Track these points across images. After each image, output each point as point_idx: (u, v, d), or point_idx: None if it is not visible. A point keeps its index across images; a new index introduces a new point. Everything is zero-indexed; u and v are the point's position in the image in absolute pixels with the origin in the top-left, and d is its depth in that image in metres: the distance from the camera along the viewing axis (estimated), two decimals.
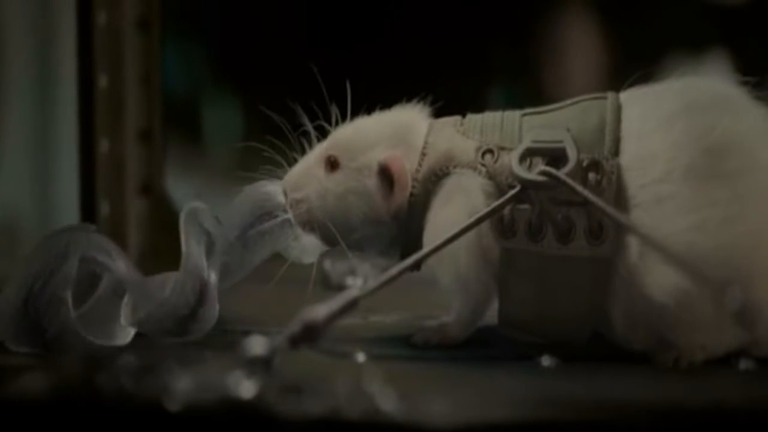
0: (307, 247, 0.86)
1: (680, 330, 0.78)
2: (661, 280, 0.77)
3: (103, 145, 1.26)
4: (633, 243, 0.78)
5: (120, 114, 1.26)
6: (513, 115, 0.83)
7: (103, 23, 1.24)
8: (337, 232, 0.84)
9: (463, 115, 0.85)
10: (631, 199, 0.78)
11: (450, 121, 0.85)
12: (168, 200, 1.31)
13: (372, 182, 0.84)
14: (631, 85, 0.83)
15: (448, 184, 0.82)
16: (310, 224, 0.85)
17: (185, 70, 1.63)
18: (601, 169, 0.79)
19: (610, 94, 0.82)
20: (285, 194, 0.86)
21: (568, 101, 0.83)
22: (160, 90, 1.30)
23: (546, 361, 0.79)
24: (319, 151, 0.86)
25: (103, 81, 1.25)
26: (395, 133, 0.85)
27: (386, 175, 0.84)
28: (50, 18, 1.38)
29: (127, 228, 1.27)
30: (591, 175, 0.79)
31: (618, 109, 0.81)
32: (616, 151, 0.79)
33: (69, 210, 1.27)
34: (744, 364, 0.78)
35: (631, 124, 0.80)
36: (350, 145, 0.85)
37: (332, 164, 0.85)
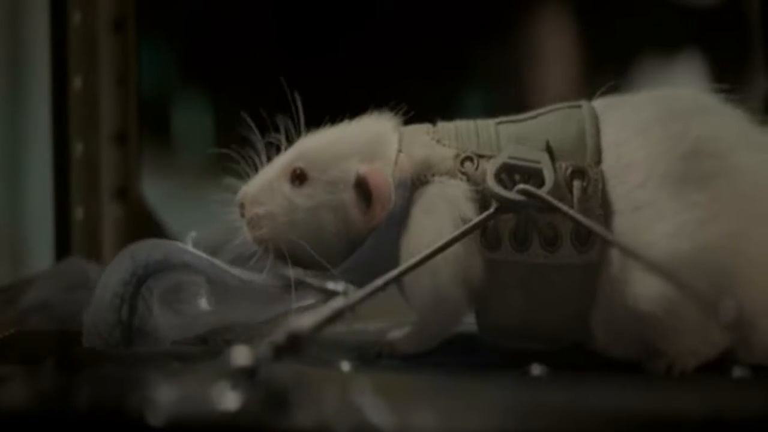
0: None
1: (669, 337, 0.78)
2: (646, 290, 0.77)
3: (78, 149, 1.24)
4: (616, 252, 0.78)
5: (95, 116, 1.25)
6: (487, 124, 0.82)
7: (78, 23, 1.23)
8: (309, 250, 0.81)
9: (432, 123, 0.83)
10: (612, 206, 0.78)
11: (421, 129, 0.83)
12: (144, 204, 1.30)
13: (348, 195, 0.81)
14: (602, 95, 0.83)
15: (430, 193, 0.80)
16: (273, 242, 0.82)
17: (161, 72, 1.62)
18: (586, 176, 0.78)
19: (584, 103, 0.82)
20: (242, 209, 0.83)
21: (541, 110, 0.83)
22: (136, 92, 1.28)
23: (536, 369, 0.78)
24: (281, 163, 0.83)
25: (77, 82, 1.24)
26: (368, 144, 0.82)
27: (364, 188, 0.81)
28: (23, 18, 1.36)
29: (103, 233, 1.25)
30: (576, 183, 0.78)
31: (595, 118, 0.81)
32: (598, 159, 0.79)
33: (43, 215, 1.26)
34: (738, 372, 0.77)
35: (608, 135, 0.80)
36: (320, 157, 0.82)
37: (299, 177, 0.82)
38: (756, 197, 0.78)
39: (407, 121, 0.85)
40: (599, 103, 0.82)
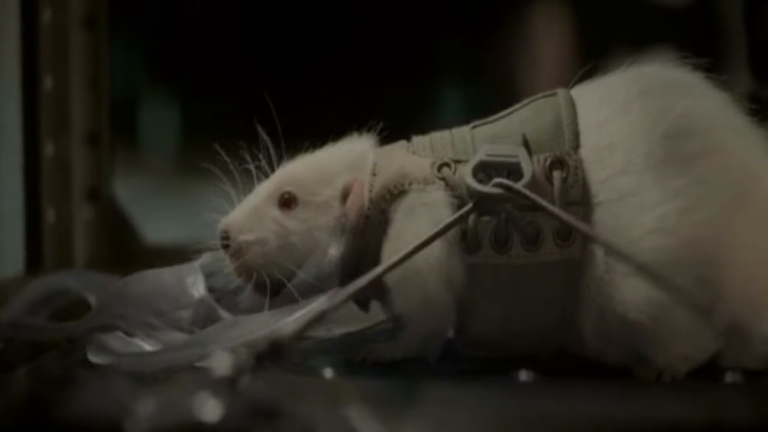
0: None
1: (657, 345, 0.76)
2: (631, 296, 0.75)
3: (48, 149, 1.23)
4: (599, 249, 0.76)
5: (66, 116, 1.23)
6: (462, 130, 0.81)
7: (48, 21, 1.22)
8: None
9: (408, 139, 0.82)
10: (594, 197, 0.77)
11: (397, 145, 0.82)
12: (116, 206, 1.29)
13: (340, 211, 0.80)
14: (579, 81, 0.81)
15: (409, 201, 0.78)
16: (266, 268, 0.79)
17: (134, 71, 1.60)
18: (565, 165, 0.77)
19: (560, 90, 0.81)
20: (226, 238, 0.80)
21: (516, 105, 0.82)
22: (108, 92, 1.27)
23: (523, 375, 0.77)
24: (267, 189, 0.81)
25: (48, 82, 1.22)
26: (354, 162, 0.81)
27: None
28: None
29: (74, 235, 1.24)
30: (556, 173, 0.77)
31: (572, 103, 0.79)
32: (577, 145, 0.78)
33: (13, 217, 1.24)
34: (731, 377, 0.76)
35: (587, 116, 0.79)
36: (309, 179, 0.81)
37: (288, 202, 0.80)
38: (740, 179, 0.77)
39: (389, 132, 0.83)
40: (577, 89, 0.81)
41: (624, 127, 0.77)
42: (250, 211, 0.81)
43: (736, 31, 1.30)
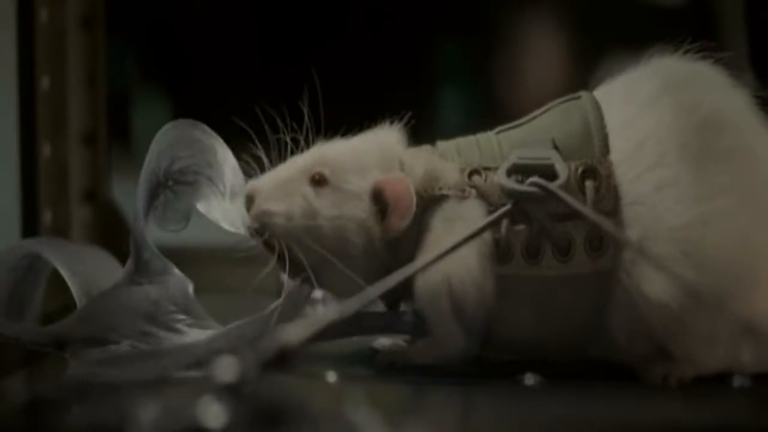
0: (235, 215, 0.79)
1: (679, 337, 0.75)
2: (656, 283, 0.74)
3: (45, 150, 1.22)
4: (630, 254, 0.75)
5: (63, 117, 1.22)
6: (487, 136, 0.80)
7: (45, 21, 1.20)
8: (332, 260, 0.77)
9: (432, 144, 0.81)
10: (626, 197, 0.76)
11: (423, 148, 0.81)
12: (114, 207, 1.28)
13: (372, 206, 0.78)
14: (597, 83, 0.81)
15: (446, 211, 0.77)
16: (287, 240, 0.78)
17: (131, 71, 1.59)
18: (598, 174, 0.76)
19: (584, 93, 0.80)
20: (250, 200, 0.79)
21: (540, 109, 0.81)
22: (105, 91, 1.26)
23: (529, 379, 0.76)
24: (300, 164, 0.80)
25: (45, 82, 1.21)
26: (386, 158, 0.80)
27: (380, 198, 0.78)
28: None
29: (71, 237, 1.23)
30: (588, 183, 0.76)
31: (598, 106, 0.78)
32: (607, 150, 0.77)
33: (9, 218, 1.23)
34: (738, 381, 0.76)
35: (613, 117, 0.78)
36: (343, 166, 0.79)
37: (319, 183, 0.79)
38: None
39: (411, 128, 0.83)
40: (599, 90, 0.80)
41: (652, 121, 0.76)
42: (280, 180, 0.79)
43: (737, 31, 1.30)
